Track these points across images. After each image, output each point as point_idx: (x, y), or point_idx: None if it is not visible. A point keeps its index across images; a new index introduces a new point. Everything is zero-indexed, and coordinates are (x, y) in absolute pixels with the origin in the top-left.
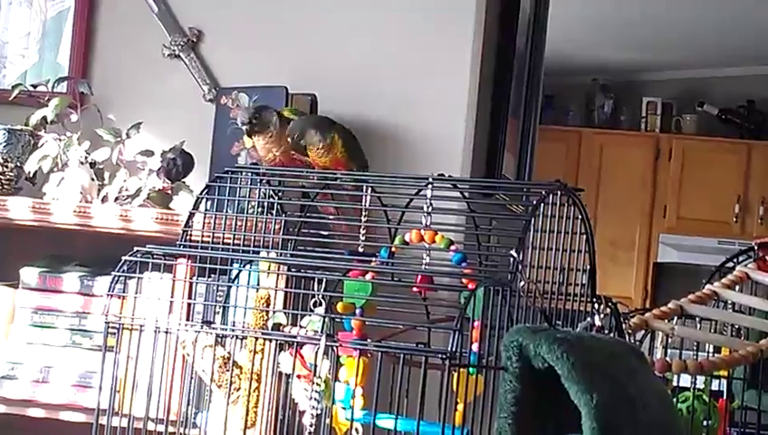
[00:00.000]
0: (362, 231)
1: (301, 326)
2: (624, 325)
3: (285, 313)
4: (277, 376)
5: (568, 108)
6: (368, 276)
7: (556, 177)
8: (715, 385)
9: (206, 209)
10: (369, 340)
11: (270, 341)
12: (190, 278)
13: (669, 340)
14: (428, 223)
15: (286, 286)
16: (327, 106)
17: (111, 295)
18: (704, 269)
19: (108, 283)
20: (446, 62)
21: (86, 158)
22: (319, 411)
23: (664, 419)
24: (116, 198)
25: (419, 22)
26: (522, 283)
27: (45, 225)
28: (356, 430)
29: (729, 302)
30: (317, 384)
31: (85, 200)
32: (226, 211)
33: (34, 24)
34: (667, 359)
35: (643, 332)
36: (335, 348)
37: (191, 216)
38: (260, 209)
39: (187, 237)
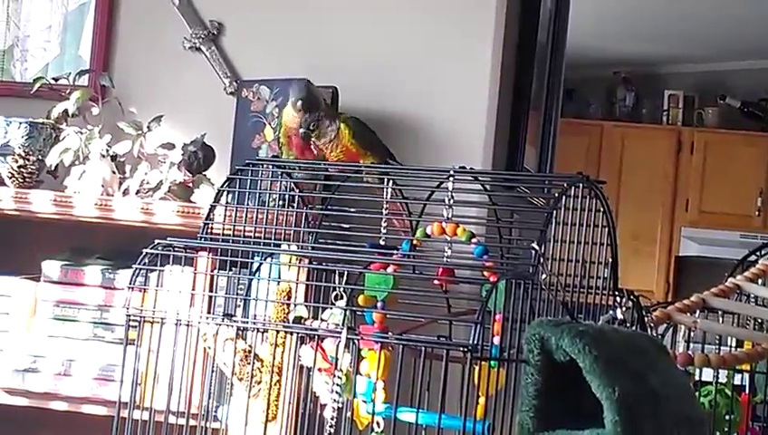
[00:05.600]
0: (384, 224)
1: (322, 319)
2: (646, 319)
3: (306, 306)
4: (298, 369)
5: (589, 101)
6: (389, 269)
7: (577, 170)
8: (737, 379)
9: (227, 202)
10: (390, 333)
11: (291, 334)
12: (211, 271)
13: (691, 333)
14: (450, 216)
15: (307, 279)
16: (348, 99)
17: (133, 288)
18: (726, 262)
19: (129, 276)
20: (468, 54)
21: (107, 151)
22: (340, 405)
23: (686, 412)
24: (137, 191)
25: (441, 14)
26: (543, 276)
27: (67, 218)
28: (377, 423)
29: (752, 295)
30: (338, 377)
31: (106, 193)
32: (247, 204)
33: (56, 16)
34: (690, 353)
35: (665, 325)
36: (356, 341)
37: (212, 208)
38: (281, 202)
39: (209, 230)
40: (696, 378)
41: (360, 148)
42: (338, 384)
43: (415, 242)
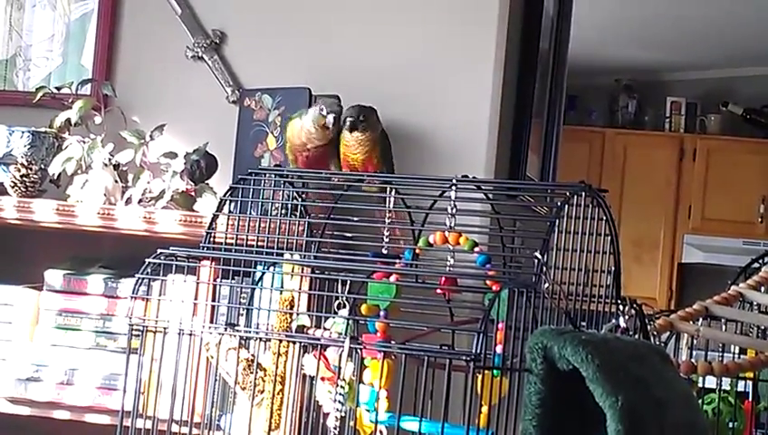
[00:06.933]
0: (386, 233)
1: (325, 328)
2: (649, 327)
3: (309, 315)
4: (301, 378)
5: (591, 108)
6: (392, 278)
7: (580, 177)
8: (740, 387)
9: (229, 211)
10: (393, 342)
11: (294, 343)
12: (214, 280)
13: (694, 341)
14: (452, 224)
15: (310, 288)
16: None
17: (135, 298)
18: (729, 270)
19: (132, 285)
20: (470, 62)
21: (110, 160)
22: (343, 414)
23: (689, 420)
24: (140, 200)
25: (442, 22)
26: (546, 284)
27: (69, 227)
28: (380, 432)
29: (755, 303)
30: (341, 386)
31: (109, 202)
32: (250, 213)
33: (58, 26)
34: (693, 360)
35: (668, 333)
36: (359, 350)
37: (215, 217)
38: (283, 211)
39: (211, 239)
40: (700, 386)
41: (379, 159)
42: (341, 393)
43: (417, 251)
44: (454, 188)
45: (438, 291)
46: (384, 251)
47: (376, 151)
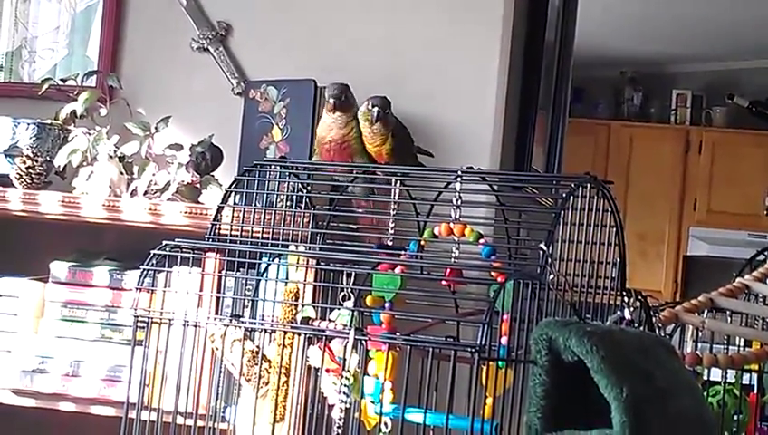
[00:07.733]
0: (391, 224)
1: (330, 320)
2: (654, 319)
3: (314, 306)
4: (306, 370)
5: (597, 101)
6: (397, 270)
7: (585, 170)
8: (745, 379)
9: (234, 203)
10: (398, 333)
11: (299, 335)
12: (219, 272)
13: (700, 333)
14: (458, 216)
15: (315, 280)
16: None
17: (141, 289)
18: (734, 262)
19: (137, 277)
20: (476, 54)
21: (115, 151)
22: (348, 405)
23: (694, 411)
24: (145, 192)
25: (448, 14)
26: (551, 276)
27: (75, 219)
28: (385, 424)
29: (760, 295)
30: (346, 378)
31: (114, 194)
32: (255, 205)
33: (64, 18)
34: (698, 353)
35: (673, 325)
36: (364, 342)
37: (220, 209)
38: (288, 203)
39: (216, 231)
40: (705, 378)
41: (388, 151)
42: (346, 385)
43: (423, 243)
44: (459, 179)
45: (443, 282)
46: (389, 243)
47: (387, 144)
